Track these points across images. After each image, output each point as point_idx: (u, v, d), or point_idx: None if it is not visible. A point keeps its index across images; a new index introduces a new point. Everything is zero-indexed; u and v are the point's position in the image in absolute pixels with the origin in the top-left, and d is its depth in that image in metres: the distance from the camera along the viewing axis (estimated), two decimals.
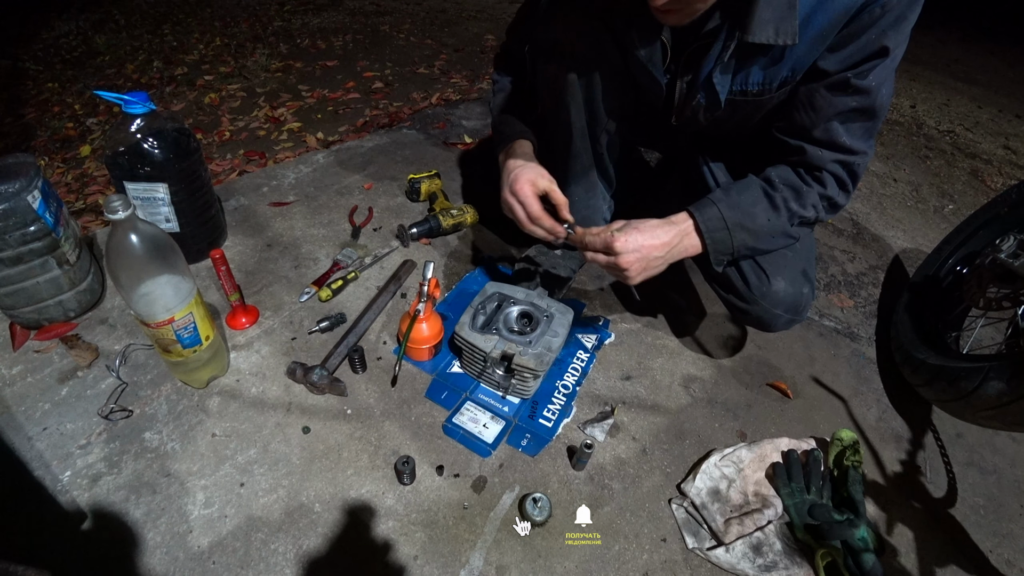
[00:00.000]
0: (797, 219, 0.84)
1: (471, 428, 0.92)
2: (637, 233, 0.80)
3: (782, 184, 0.83)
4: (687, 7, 0.67)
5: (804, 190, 0.82)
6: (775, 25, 0.70)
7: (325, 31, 3.16)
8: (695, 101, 0.86)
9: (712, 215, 0.83)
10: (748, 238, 0.84)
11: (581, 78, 0.91)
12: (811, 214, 0.84)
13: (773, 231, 0.84)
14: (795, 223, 0.85)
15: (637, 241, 0.80)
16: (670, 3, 0.66)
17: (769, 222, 0.83)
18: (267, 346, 1.04)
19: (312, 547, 0.77)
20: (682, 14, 0.69)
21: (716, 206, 0.83)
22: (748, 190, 0.84)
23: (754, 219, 0.83)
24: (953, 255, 1.26)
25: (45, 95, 2.52)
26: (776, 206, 0.83)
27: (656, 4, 0.66)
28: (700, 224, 0.83)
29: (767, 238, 0.85)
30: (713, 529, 0.82)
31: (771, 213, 0.83)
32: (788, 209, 0.83)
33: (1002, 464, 1.05)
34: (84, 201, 1.76)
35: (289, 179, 1.51)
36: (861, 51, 0.72)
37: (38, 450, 0.84)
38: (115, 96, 0.93)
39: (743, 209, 0.83)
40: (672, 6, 0.67)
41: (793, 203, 0.82)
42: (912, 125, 2.58)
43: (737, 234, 0.83)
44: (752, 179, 0.86)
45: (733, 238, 0.83)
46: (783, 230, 0.85)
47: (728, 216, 0.82)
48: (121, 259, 0.73)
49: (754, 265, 0.93)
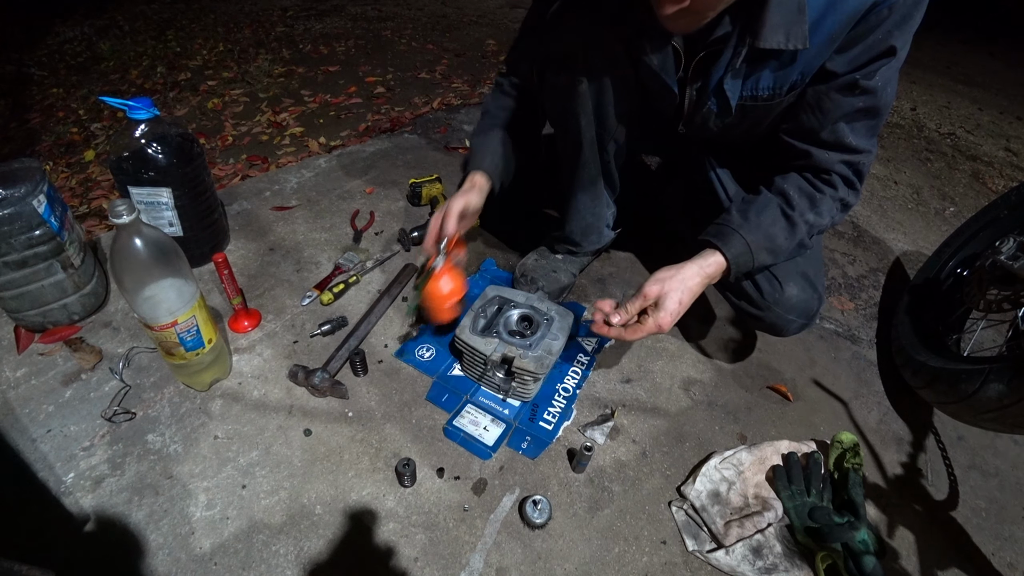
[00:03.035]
0: (816, 230, 0.84)
1: (471, 431, 0.93)
2: (678, 306, 0.80)
3: (797, 197, 0.83)
4: (695, 15, 0.67)
5: (818, 198, 0.83)
6: (786, 30, 0.70)
7: (327, 36, 3.18)
8: (705, 108, 0.86)
9: (737, 244, 0.83)
10: (768, 258, 0.85)
11: (591, 88, 0.90)
12: (827, 221, 0.84)
13: (791, 248, 0.85)
14: (813, 234, 0.85)
15: (678, 309, 0.80)
16: (678, 12, 0.66)
17: (787, 240, 0.84)
18: (269, 349, 1.04)
19: (313, 549, 0.77)
20: (690, 21, 0.69)
21: (739, 234, 0.83)
22: (767, 210, 0.84)
23: (774, 240, 0.83)
24: (954, 257, 1.26)
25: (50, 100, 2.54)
26: (794, 224, 0.83)
27: (664, 12, 0.66)
28: (728, 257, 0.83)
29: (784, 255, 0.86)
30: (713, 531, 0.82)
31: (789, 232, 0.83)
32: (806, 223, 0.83)
33: (1004, 467, 1.05)
34: (88, 205, 1.78)
35: (291, 183, 1.52)
36: (868, 52, 0.72)
37: (42, 452, 0.85)
38: (120, 102, 0.94)
39: (764, 231, 0.83)
40: (681, 14, 0.66)
41: (810, 214, 0.83)
42: (913, 128, 2.58)
43: (759, 255, 0.84)
44: (769, 197, 0.85)
45: (755, 259, 0.84)
46: (799, 244, 0.85)
47: (751, 240, 0.83)
48: (125, 263, 0.73)
49: (767, 273, 0.94)
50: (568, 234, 1.15)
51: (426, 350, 1.07)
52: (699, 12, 0.67)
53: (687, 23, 0.69)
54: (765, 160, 0.90)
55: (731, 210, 0.87)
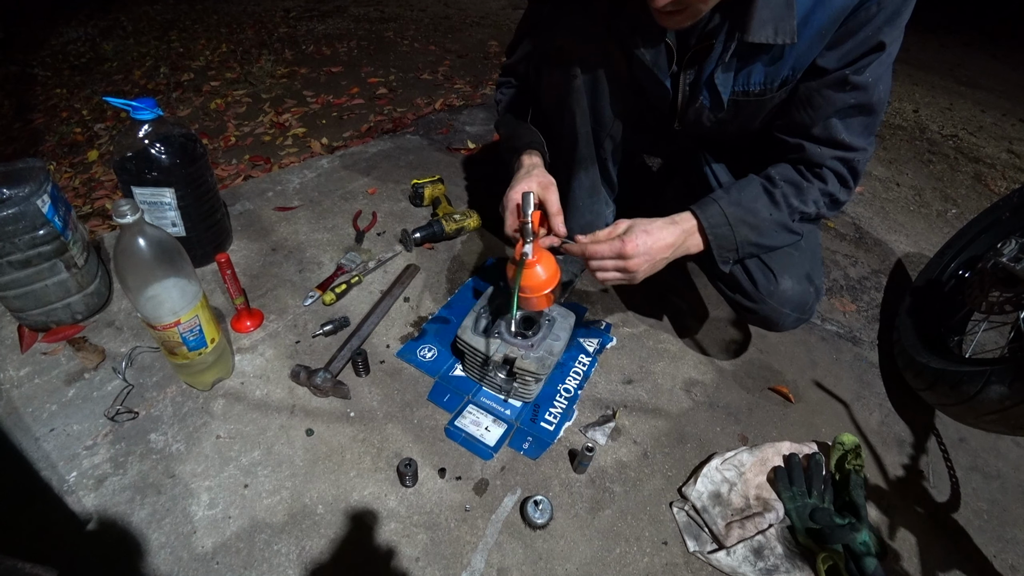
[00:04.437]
0: (798, 214, 0.85)
1: (473, 431, 0.93)
2: (645, 236, 0.81)
3: (782, 181, 0.84)
4: (688, 9, 0.68)
5: (804, 186, 0.83)
6: (774, 25, 0.71)
7: (330, 37, 3.19)
8: (698, 103, 0.87)
9: (714, 212, 0.84)
10: (750, 233, 0.85)
11: (585, 83, 0.92)
12: (812, 209, 0.84)
13: (775, 225, 0.85)
14: (796, 218, 0.85)
15: (646, 244, 0.81)
16: (671, 4, 0.66)
17: (771, 216, 0.84)
18: (271, 349, 1.05)
19: (315, 548, 0.77)
20: (684, 16, 0.70)
21: (717, 203, 0.84)
22: (748, 187, 0.85)
23: (756, 214, 0.84)
24: (955, 259, 1.26)
25: (53, 101, 2.55)
26: (776, 201, 0.83)
27: (657, 5, 0.67)
28: (703, 221, 0.84)
29: (770, 233, 0.86)
30: (714, 532, 0.82)
31: (772, 208, 0.84)
32: (789, 204, 0.83)
33: (1005, 468, 1.05)
34: (91, 205, 1.79)
35: (294, 184, 1.53)
36: (858, 47, 0.73)
37: (45, 451, 0.85)
38: (123, 102, 0.95)
39: (744, 205, 0.84)
40: (674, 7, 0.67)
41: (794, 199, 0.83)
42: (915, 129, 2.58)
43: (740, 229, 0.84)
44: (752, 177, 0.87)
45: (736, 233, 0.84)
46: (785, 224, 0.85)
47: (729, 212, 0.83)
48: (128, 262, 0.74)
49: (761, 264, 0.93)
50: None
51: (428, 350, 1.07)
52: (692, 5, 0.67)
53: (681, 18, 0.70)
54: (760, 158, 0.90)
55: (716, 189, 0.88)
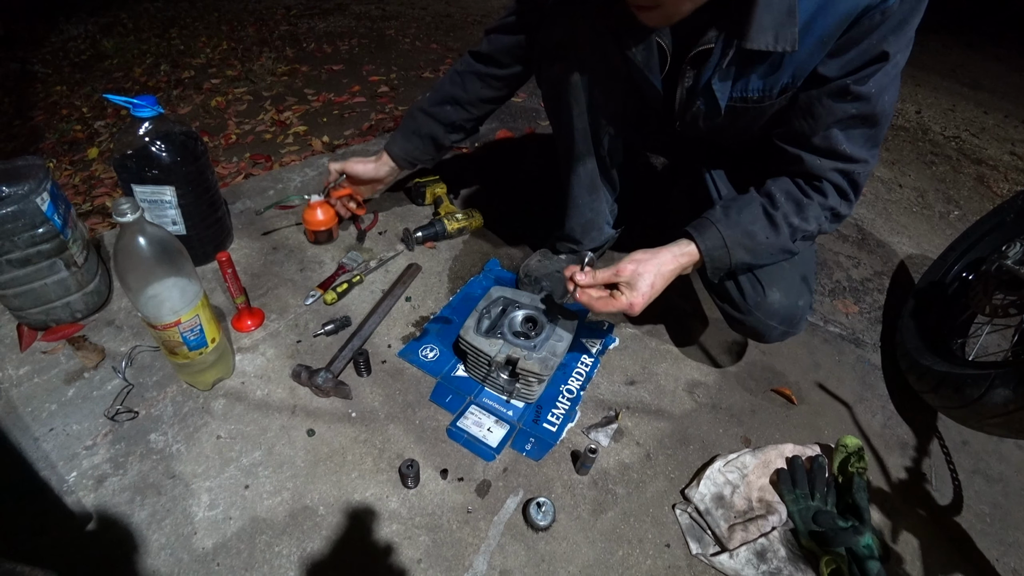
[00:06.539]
0: (800, 234, 0.83)
1: (475, 432, 0.93)
2: (648, 276, 0.81)
3: (783, 199, 0.82)
4: (666, 7, 0.67)
5: (805, 203, 0.82)
6: (775, 31, 0.70)
7: (331, 35, 3.18)
8: (695, 107, 0.86)
9: (712, 235, 0.83)
10: (746, 256, 0.84)
11: (583, 79, 0.91)
12: (814, 227, 0.83)
13: (772, 249, 0.85)
14: (797, 239, 0.84)
15: (646, 283, 0.81)
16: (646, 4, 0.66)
17: (767, 240, 0.83)
18: (272, 349, 1.04)
19: (316, 550, 0.77)
20: (661, 13, 0.68)
21: (716, 227, 0.83)
22: (748, 208, 0.84)
23: (753, 237, 0.83)
24: (959, 261, 1.26)
25: (53, 98, 2.55)
26: (776, 224, 0.82)
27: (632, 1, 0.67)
28: (700, 245, 0.84)
29: (765, 255, 0.86)
30: (717, 535, 0.82)
31: (770, 231, 0.83)
32: (790, 225, 0.82)
33: (1008, 472, 1.04)
34: (91, 203, 1.78)
35: (295, 182, 1.52)
36: (861, 56, 0.71)
37: (44, 451, 0.84)
38: (124, 100, 0.94)
39: (742, 228, 0.83)
40: (648, 2, 0.66)
41: (795, 218, 0.82)
42: (917, 131, 2.57)
43: (736, 251, 0.83)
44: (753, 196, 0.85)
45: (732, 256, 0.84)
46: (782, 247, 0.84)
47: (727, 235, 0.83)
48: (128, 261, 0.73)
49: (750, 276, 0.93)
50: (568, 231, 1.15)
51: (430, 351, 1.06)
52: (665, 6, 0.66)
53: (659, 15, 0.69)
54: (760, 164, 0.89)
55: (716, 206, 0.87)
